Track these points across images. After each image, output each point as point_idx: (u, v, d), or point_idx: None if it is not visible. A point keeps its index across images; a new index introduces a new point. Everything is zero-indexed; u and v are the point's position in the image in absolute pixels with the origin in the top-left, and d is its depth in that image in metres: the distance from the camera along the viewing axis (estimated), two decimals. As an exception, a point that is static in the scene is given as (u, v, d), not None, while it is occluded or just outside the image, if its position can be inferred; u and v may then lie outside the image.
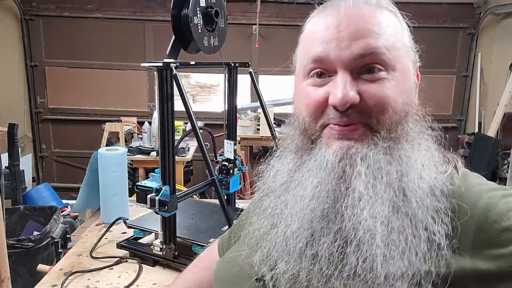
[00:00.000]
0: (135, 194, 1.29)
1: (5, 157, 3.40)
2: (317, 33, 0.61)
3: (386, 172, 0.58)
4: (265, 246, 0.67)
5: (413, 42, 0.66)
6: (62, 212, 2.99)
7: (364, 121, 0.59)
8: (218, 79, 4.89)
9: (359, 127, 0.59)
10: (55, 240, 2.40)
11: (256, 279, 0.66)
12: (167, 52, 1.27)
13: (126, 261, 1.37)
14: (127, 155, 2.09)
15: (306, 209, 0.61)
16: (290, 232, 0.62)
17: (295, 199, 0.63)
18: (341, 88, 0.57)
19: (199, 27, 1.28)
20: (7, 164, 3.42)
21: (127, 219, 1.53)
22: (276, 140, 0.73)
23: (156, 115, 3.14)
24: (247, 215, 0.84)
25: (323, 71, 0.61)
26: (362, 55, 0.58)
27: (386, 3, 0.63)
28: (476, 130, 4.68)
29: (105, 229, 1.53)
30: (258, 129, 4.13)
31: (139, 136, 3.91)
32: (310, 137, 0.64)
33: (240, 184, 1.66)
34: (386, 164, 0.58)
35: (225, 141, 1.59)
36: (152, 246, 1.33)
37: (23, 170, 3.78)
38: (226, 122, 1.60)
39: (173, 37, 1.27)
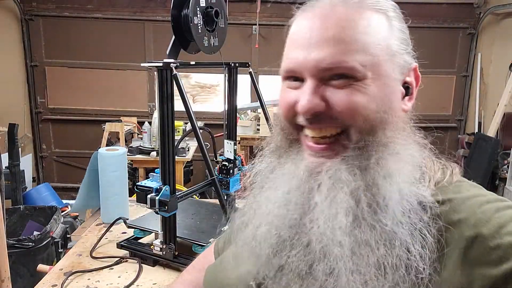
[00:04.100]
0: (135, 194, 1.29)
1: (5, 157, 3.41)
2: (293, 38, 0.61)
3: (349, 183, 0.56)
4: (237, 244, 0.69)
5: (408, 42, 0.62)
6: (62, 212, 2.99)
7: (337, 125, 0.58)
8: (218, 79, 4.89)
9: (331, 142, 0.59)
10: (55, 240, 2.41)
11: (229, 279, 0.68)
12: (167, 52, 1.27)
13: (126, 261, 1.37)
14: (127, 155, 2.10)
15: (275, 215, 0.62)
16: (259, 234, 0.63)
17: (266, 202, 0.64)
18: (305, 96, 0.57)
19: (199, 27, 1.28)
20: (7, 164, 3.42)
21: (127, 219, 1.53)
22: (261, 140, 0.73)
23: (156, 115, 3.14)
24: None
25: (296, 76, 0.60)
26: (327, 69, 0.56)
27: (373, 2, 0.59)
28: (476, 130, 4.68)
29: (105, 229, 1.53)
30: (258, 129, 4.14)
31: (139, 136, 3.91)
32: (287, 137, 0.64)
33: (240, 184, 1.66)
34: (350, 175, 0.56)
35: (225, 141, 1.59)
36: (152, 246, 1.33)
37: (23, 170, 3.78)
38: (226, 122, 1.60)
39: (173, 37, 1.27)
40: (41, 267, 1.42)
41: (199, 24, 1.27)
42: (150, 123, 3.46)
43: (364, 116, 0.56)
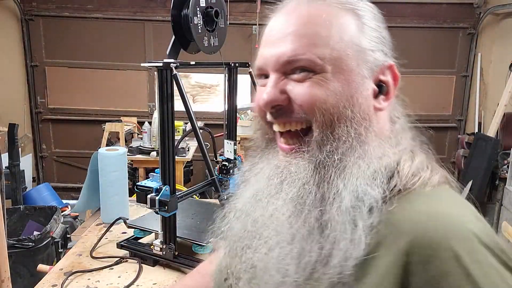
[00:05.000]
0: (135, 194, 1.29)
1: (5, 157, 3.41)
2: (262, 38, 0.64)
3: (299, 176, 0.58)
4: (222, 243, 0.73)
5: (384, 41, 0.61)
6: (62, 212, 2.99)
7: (300, 120, 0.59)
8: (218, 79, 4.89)
9: (299, 143, 0.60)
10: (55, 240, 2.41)
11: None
12: (167, 52, 1.27)
13: (126, 261, 1.37)
14: (127, 155, 2.10)
15: (244, 211, 0.66)
16: (233, 229, 0.68)
17: (240, 200, 0.69)
18: (266, 90, 0.60)
19: (199, 27, 1.28)
20: (7, 164, 3.42)
21: (127, 219, 1.53)
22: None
23: (156, 115, 3.14)
24: None
25: (264, 73, 0.63)
26: (287, 63, 0.58)
27: (340, 1, 0.60)
28: (476, 130, 4.68)
29: (105, 229, 1.53)
30: (258, 129, 4.14)
31: (139, 136, 3.91)
32: (264, 135, 0.67)
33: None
34: (302, 169, 0.58)
35: (225, 141, 1.60)
36: (152, 246, 1.33)
37: (23, 170, 3.78)
38: (226, 122, 1.60)
39: (173, 37, 1.27)
40: (41, 267, 1.42)
41: (199, 24, 1.27)
42: (150, 123, 3.46)
43: (323, 109, 0.57)
